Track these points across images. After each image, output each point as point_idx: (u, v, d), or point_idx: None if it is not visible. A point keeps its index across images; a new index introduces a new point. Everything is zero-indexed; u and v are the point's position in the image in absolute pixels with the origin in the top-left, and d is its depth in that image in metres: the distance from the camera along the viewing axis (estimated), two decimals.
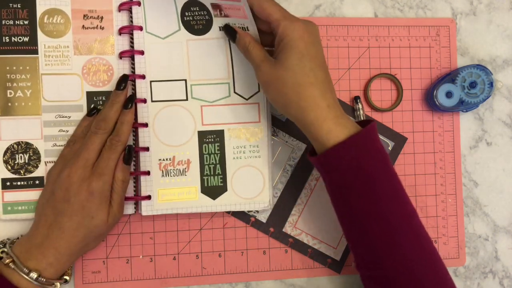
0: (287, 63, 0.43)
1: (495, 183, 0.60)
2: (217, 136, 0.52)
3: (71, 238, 0.46)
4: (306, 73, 0.43)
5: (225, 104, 0.52)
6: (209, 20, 0.50)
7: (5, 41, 0.50)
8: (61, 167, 0.47)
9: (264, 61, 0.45)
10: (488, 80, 0.56)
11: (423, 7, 0.59)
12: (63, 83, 0.51)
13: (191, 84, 0.51)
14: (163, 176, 0.51)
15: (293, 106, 0.44)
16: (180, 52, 0.51)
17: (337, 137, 0.43)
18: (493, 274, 0.59)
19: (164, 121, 0.51)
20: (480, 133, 0.60)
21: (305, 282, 0.56)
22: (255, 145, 0.52)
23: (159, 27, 0.50)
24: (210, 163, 0.52)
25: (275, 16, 0.44)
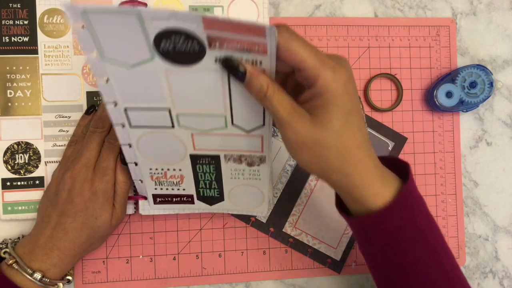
0: (332, 125, 0.35)
1: (495, 183, 0.60)
2: (212, 159, 0.46)
3: (75, 239, 0.46)
4: (353, 134, 0.36)
5: (221, 134, 0.43)
6: (200, 51, 0.35)
7: (5, 41, 0.50)
8: (64, 168, 0.47)
9: (294, 116, 0.35)
10: (488, 80, 0.56)
11: (423, 7, 0.59)
12: (63, 83, 0.51)
13: (176, 113, 0.41)
14: (156, 185, 0.49)
15: (334, 172, 0.37)
16: (156, 83, 0.38)
17: (384, 199, 0.37)
18: (493, 274, 0.59)
19: (150, 145, 0.44)
20: (480, 133, 0.60)
21: (305, 282, 0.56)
22: (255, 170, 0.47)
23: (123, 53, 0.36)
24: (205, 179, 0.48)
25: (311, 64, 0.33)
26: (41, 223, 0.47)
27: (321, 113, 0.35)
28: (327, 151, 0.36)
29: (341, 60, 0.36)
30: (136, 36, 0.34)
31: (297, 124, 0.35)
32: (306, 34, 0.56)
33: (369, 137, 0.37)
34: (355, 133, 0.36)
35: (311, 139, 0.35)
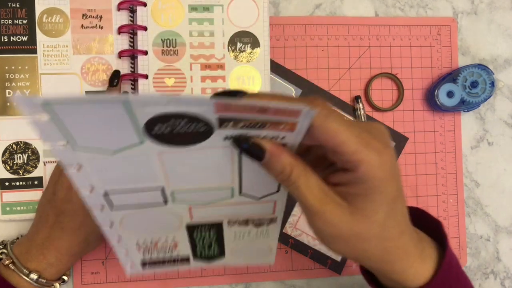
0: (375, 216, 0.30)
1: (496, 183, 0.59)
2: (212, 227, 0.39)
3: (73, 238, 0.45)
4: (397, 222, 0.32)
5: (225, 204, 0.36)
6: (206, 132, 0.29)
7: (3, 41, 0.50)
8: (59, 167, 0.47)
9: (327, 205, 0.30)
10: (490, 80, 0.56)
11: (424, 6, 0.59)
12: (62, 83, 0.51)
13: (172, 191, 0.34)
14: (144, 255, 0.41)
15: (373, 261, 0.33)
16: (148, 165, 0.31)
17: (424, 277, 0.34)
18: (494, 275, 0.59)
19: (136, 222, 0.37)
20: (481, 133, 0.59)
21: (305, 283, 0.56)
22: (264, 230, 0.40)
23: (102, 140, 0.29)
24: (204, 243, 0.41)
25: (352, 147, 0.28)
26: (38, 222, 0.46)
27: (362, 203, 0.30)
28: (368, 243, 0.31)
29: (384, 136, 0.30)
30: (121, 123, 0.27)
31: (331, 215, 0.30)
32: (306, 34, 0.56)
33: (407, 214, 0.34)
34: (400, 221, 0.32)
35: (349, 232, 0.30)
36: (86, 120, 0.27)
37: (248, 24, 0.52)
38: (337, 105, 0.56)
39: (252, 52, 0.53)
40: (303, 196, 0.30)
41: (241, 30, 0.53)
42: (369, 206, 0.30)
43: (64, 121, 0.26)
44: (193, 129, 0.28)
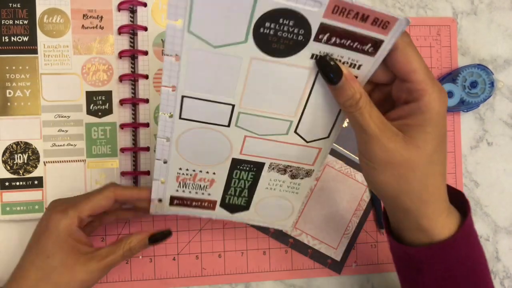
0: (426, 146, 0.33)
1: (496, 183, 0.59)
2: (254, 166, 0.42)
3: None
4: (442, 161, 0.35)
5: (276, 140, 0.40)
6: (301, 42, 0.32)
7: (4, 41, 0.50)
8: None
9: (386, 132, 0.33)
10: (489, 80, 0.56)
11: (423, 6, 0.59)
12: (63, 83, 0.51)
13: (239, 111, 0.37)
14: (179, 186, 0.44)
15: (411, 197, 0.35)
16: (236, 71, 0.34)
17: (449, 230, 0.37)
18: (494, 275, 0.59)
19: (192, 141, 0.40)
20: (481, 133, 0.59)
21: (305, 282, 0.56)
22: (297, 183, 0.44)
23: (212, 30, 0.32)
24: (238, 186, 0.44)
25: (421, 77, 0.32)
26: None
27: (417, 133, 0.33)
28: (413, 173, 0.34)
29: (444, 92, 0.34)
30: (241, 13, 0.31)
31: (388, 142, 0.33)
32: None
33: None
34: (443, 161, 0.35)
35: (400, 159, 0.33)
36: (212, 4, 0.30)
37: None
38: None
39: None
40: (366, 122, 0.33)
41: None
42: (422, 136, 0.33)
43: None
44: (293, 36, 0.32)
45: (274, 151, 0.41)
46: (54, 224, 0.40)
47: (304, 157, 0.41)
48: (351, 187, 0.56)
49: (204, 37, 0.32)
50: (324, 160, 0.41)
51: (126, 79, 0.51)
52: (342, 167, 0.56)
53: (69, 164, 0.51)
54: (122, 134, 0.52)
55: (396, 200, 0.36)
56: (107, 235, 0.52)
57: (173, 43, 0.33)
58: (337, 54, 0.33)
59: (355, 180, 0.56)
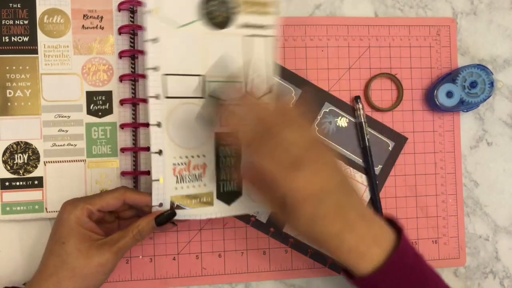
0: (300, 229, 0.41)
1: (495, 183, 0.59)
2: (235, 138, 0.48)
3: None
4: (322, 231, 0.40)
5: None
6: (230, 15, 0.47)
7: (4, 41, 0.50)
8: None
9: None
10: (489, 80, 0.56)
11: (423, 6, 0.59)
12: (63, 83, 0.51)
13: (207, 80, 0.47)
14: (177, 182, 0.47)
15: (323, 249, 0.42)
16: (196, 45, 0.46)
17: (373, 262, 0.40)
18: (493, 275, 0.59)
19: (179, 120, 0.46)
20: (480, 133, 0.59)
21: (305, 282, 0.56)
22: None
23: (175, 14, 0.45)
24: (226, 165, 0.49)
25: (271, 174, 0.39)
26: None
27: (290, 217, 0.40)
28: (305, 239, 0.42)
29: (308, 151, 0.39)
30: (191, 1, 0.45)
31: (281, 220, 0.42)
32: (306, 34, 0.56)
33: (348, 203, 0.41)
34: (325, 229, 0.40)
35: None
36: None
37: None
38: (337, 105, 0.56)
39: None
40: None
41: None
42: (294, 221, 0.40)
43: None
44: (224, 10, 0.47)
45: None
46: (66, 214, 0.44)
47: None
48: None
49: (171, 20, 0.45)
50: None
51: (126, 79, 0.52)
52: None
53: (69, 164, 0.51)
54: (122, 134, 0.52)
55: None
56: None
57: (152, 28, 0.44)
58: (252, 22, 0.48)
59: (355, 180, 0.56)
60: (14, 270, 0.51)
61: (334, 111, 0.56)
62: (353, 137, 0.57)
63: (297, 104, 0.54)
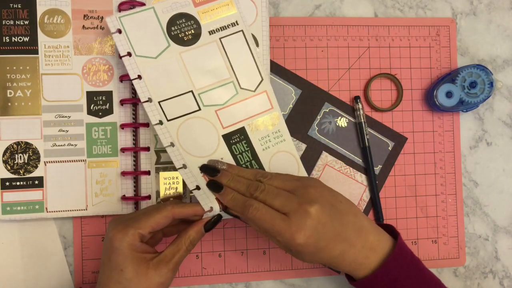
0: (306, 259, 0.45)
1: (495, 183, 0.60)
2: (240, 134, 0.51)
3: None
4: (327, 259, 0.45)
5: (236, 102, 0.51)
6: (197, 28, 0.50)
7: (5, 41, 0.50)
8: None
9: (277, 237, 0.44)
10: (488, 80, 0.56)
11: (423, 7, 0.59)
12: (63, 83, 0.51)
13: (198, 93, 0.50)
14: None
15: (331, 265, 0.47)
16: (176, 66, 0.49)
17: (370, 268, 0.45)
18: (493, 274, 0.59)
19: (188, 135, 0.49)
20: (480, 133, 0.60)
21: (305, 282, 0.56)
22: (276, 130, 0.52)
23: (148, 48, 0.49)
24: (245, 161, 0.51)
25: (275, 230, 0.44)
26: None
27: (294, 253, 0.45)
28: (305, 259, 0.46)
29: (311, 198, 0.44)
30: (155, 28, 0.49)
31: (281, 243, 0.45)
32: (306, 34, 0.56)
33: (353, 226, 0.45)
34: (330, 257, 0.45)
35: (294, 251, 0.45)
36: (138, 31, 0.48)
37: (247, 24, 0.52)
38: (337, 105, 0.57)
39: None
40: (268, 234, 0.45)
41: None
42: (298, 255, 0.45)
43: (127, 32, 0.48)
44: (191, 27, 0.50)
45: (241, 111, 0.51)
46: (118, 242, 0.43)
47: (261, 103, 0.52)
48: (350, 187, 0.56)
49: (146, 55, 0.49)
50: (275, 99, 0.52)
51: (126, 79, 0.52)
52: (342, 167, 0.56)
53: (70, 164, 0.51)
54: (122, 134, 0.52)
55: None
56: None
57: (132, 69, 0.49)
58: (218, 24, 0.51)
59: (355, 180, 0.56)
60: (14, 270, 0.51)
61: (334, 111, 0.57)
62: (353, 137, 0.57)
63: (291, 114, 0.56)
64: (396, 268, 0.45)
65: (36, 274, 0.51)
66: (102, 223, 0.53)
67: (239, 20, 0.50)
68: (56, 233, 0.52)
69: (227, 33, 0.51)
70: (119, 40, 0.48)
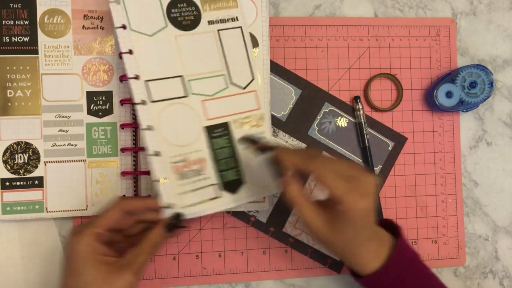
0: (345, 235, 0.43)
1: (495, 183, 0.60)
2: (224, 129, 0.50)
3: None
4: (358, 243, 0.44)
5: (224, 96, 0.51)
6: (198, 15, 0.50)
7: (5, 41, 0.50)
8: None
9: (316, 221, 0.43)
10: (488, 80, 0.56)
11: (423, 7, 0.59)
12: (63, 83, 0.51)
13: (188, 79, 0.49)
14: (180, 179, 0.49)
15: (342, 258, 0.49)
16: (170, 49, 0.49)
17: (375, 264, 0.45)
18: (493, 274, 0.59)
19: (169, 121, 0.49)
20: (480, 133, 0.60)
21: (305, 282, 0.56)
22: (260, 132, 0.52)
23: (145, 25, 0.48)
24: (224, 157, 0.50)
25: (336, 192, 0.42)
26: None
27: (339, 224, 0.43)
28: (335, 247, 0.45)
29: (369, 186, 0.43)
30: (155, 6, 0.48)
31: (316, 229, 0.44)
32: (306, 34, 0.56)
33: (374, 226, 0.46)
34: (359, 241, 0.44)
35: (327, 240, 0.44)
36: (138, 6, 0.48)
37: (247, 23, 0.52)
38: (337, 105, 0.57)
39: None
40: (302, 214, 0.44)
41: None
42: (342, 228, 0.43)
43: (126, 4, 0.48)
44: (191, 13, 0.50)
45: (228, 106, 0.51)
46: (74, 245, 0.42)
47: (249, 102, 0.51)
48: None
49: (141, 31, 0.48)
50: (264, 100, 0.52)
51: (125, 79, 0.51)
52: None
53: (70, 164, 0.51)
54: (122, 134, 0.52)
55: (335, 254, 0.52)
56: None
57: (124, 42, 0.48)
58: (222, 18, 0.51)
59: None
60: (14, 270, 0.51)
61: (334, 111, 0.57)
62: (353, 137, 0.57)
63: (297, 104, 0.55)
64: (400, 263, 0.46)
65: (36, 274, 0.51)
66: None
67: (239, 17, 0.51)
68: (56, 233, 0.52)
69: (226, 26, 0.51)
70: (116, 10, 0.47)
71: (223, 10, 0.50)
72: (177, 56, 0.49)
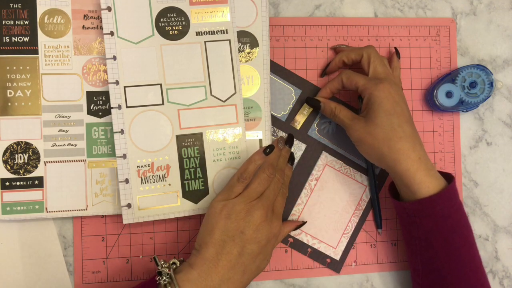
0: (377, 120, 0.48)
1: (495, 183, 0.60)
2: (196, 139, 0.51)
3: (246, 281, 0.45)
4: (394, 128, 0.47)
5: (202, 107, 0.51)
6: (186, 26, 0.51)
7: (5, 41, 0.51)
8: (246, 204, 0.46)
9: (353, 119, 0.50)
10: (488, 80, 0.56)
11: (423, 7, 0.59)
12: (63, 83, 0.51)
13: (166, 88, 0.50)
14: (142, 183, 0.50)
15: (385, 158, 0.48)
16: (153, 57, 0.50)
17: (428, 188, 0.47)
18: (493, 274, 0.59)
19: (141, 126, 0.50)
20: (480, 133, 0.60)
21: (305, 282, 0.56)
22: (234, 146, 0.52)
23: (132, 32, 0.50)
24: (190, 167, 0.51)
25: (361, 83, 0.50)
26: (217, 258, 0.44)
27: (370, 113, 0.49)
28: (377, 141, 0.48)
29: (391, 81, 0.50)
30: (145, 15, 0.50)
31: (355, 125, 0.50)
32: (306, 34, 0.56)
33: (417, 138, 0.48)
34: (396, 128, 0.47)
35: (365, 133, 0.49)
36: (128, 13, 0.50)
37: (247, 23, 0.52)
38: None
39: (251, 51, 0.53)
40: (341, 119, 0.51)
41: (239, 29, 0.53)
42: (373, 115, 0.48)
43: (116, 10, 0.49)
44: (179, 23, 0.51)
45: (205, 117, 0.51)
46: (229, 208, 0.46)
47: (228, 116, 0.52)
48: (350, 187, 0.56)
49: (127, 38, 0.50)
50: (243, 116, 0.52)
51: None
52: (342, 167, 0.56)
53: (70, 164, 0.51)
54: None
55: (380, 162, 0.50)
56: (107, 235, 0.53)
57: (110, 48, 0.50)
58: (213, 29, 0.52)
59: (355, 180, 0.56)
60: (14, 270, 0.51)
61: None
62: None
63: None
64: (451, 199, 0.47)
65: (36, 274, 0.51)
66: (102, 223, 0.53)
67: (229, 30, 0.51)
68: (56, 233, 0.52)
69: (214, 38, 0.51)
70: (106, 18, 0.50)
71: (213, 21, 0.51)
72: (159, 64, 0.50)
